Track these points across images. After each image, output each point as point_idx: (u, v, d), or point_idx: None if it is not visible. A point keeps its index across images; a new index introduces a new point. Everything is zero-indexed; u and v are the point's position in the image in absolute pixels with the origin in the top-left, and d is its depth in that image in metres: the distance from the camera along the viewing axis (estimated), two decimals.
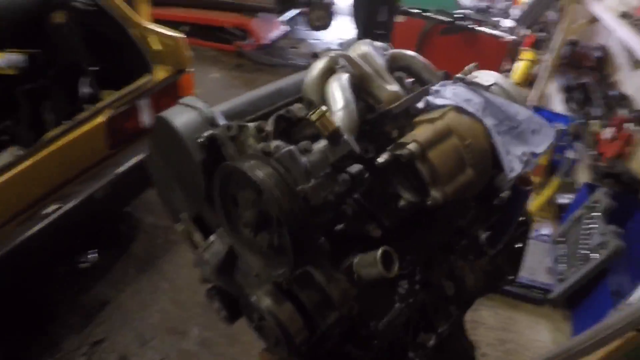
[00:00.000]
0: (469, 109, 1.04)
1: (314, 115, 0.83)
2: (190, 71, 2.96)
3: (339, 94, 1.05)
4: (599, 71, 3.67)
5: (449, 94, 1.08)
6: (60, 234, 2.26)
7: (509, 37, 4.05)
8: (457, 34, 3.98)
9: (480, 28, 4.01)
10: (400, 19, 4.16)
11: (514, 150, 1.05)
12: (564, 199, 3.25)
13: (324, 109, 0.82)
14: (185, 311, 2.64)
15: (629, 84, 3.26)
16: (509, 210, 1.20)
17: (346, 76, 1.11)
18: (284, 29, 6.36)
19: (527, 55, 4.63)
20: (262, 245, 0.91)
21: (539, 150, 1.05)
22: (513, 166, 1.04)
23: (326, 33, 6.47)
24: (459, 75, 1.15)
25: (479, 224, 1.33)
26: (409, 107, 1.11)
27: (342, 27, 6.69)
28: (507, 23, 4.24)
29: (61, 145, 2.23)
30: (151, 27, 2.81)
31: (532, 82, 4.78)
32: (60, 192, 2.28)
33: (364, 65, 1.16)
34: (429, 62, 1.28)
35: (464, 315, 1.40)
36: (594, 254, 2.51)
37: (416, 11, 4.09)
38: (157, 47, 2.80)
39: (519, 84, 4.77)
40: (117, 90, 2.61)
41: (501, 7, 4.75)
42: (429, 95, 1.12)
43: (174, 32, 2.86)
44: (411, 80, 1.36)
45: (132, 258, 2.95)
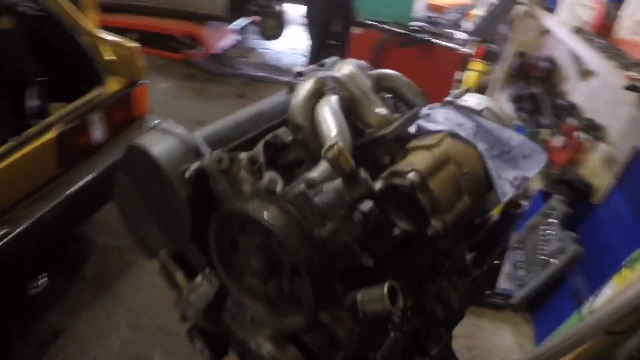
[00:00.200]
0: (462, 133, 1.03)
1: (329, 153, 0.75)
2: (144, 83, 2.83)
3: (331, 119, 1.00)
4: (547, 82, 3.85)
5: (440, 118, 1.07)
6: (8, 260, 2.07)
7: (464, 49, 4.15)
8: (414, 46, 4.03)
9: (436, 40, 4.08)
10: (357, 30, 4.16)
11: (505, 175, 1.05)
12: None
13: (340, 144, 0.76)
14: (145, 336, 2.49)
15: (576, 93, 3.43)
16: (497, 232, 1.20)
17: (336, 99, 1.07)
18: (235, 38, 6.26)
19: (477, 66, 4.80)
20: (270, 294, 0.84)
21: (530, 174, 1.05)
22: (505, 190, 1.03)
23: (277, 43, 6.42)
24: (449, 98, 1.14)
25: (462, 244, 1.33)
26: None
27: (294, 37, 6.67)
28: (460, 35, 4.35)
29: (7, 165, 2.04)
30: (103, 36, 2.66)
31: (480, 92, 4.96)
32: (7, 215, 2.09)
33: (352, 87, 1.12)
34: (411, 81, 1.27)
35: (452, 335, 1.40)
36: (553, 260, 2.61)
37: (372, 23, 4.10)
38: (109, 57, 2.64)
39: None
40: (67, 102, 2.43)
41: (450, 19, 4.87)
42: (419, 119, 1.10)
43: (127, 41, 2.72)
44: (390, 97, 1.35)
45: (85, 282, 2.77)
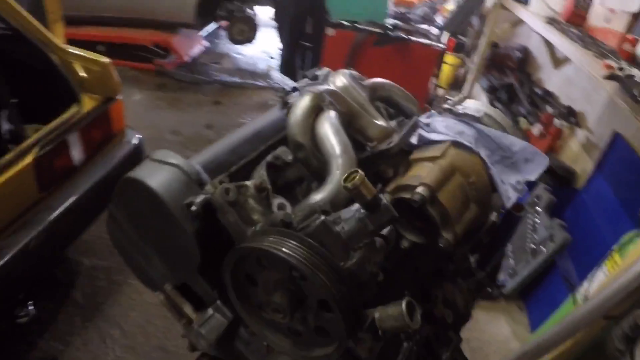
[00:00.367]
0: (464, 142, 1.03)
1: (350, 184, 0.72)
2: (120, 99, 2.76)
3: (333, 136, 0.99)
4: (520, 71, 3.90)
5: (440, 127, 1.07)
6: None
7: (440, 45, 4.15)
8: (389, 45, 4.00)
9: (412, 38, 4.06)
10: (331, 32, 4.10)
11: (507, 179, 1.06)
12: None
13: (362, 173, 0.72)
14: (143, 357, 2.44)
15: (551, 81, 3.49)
16: (500, 234, 1.22)
17: (335, 115, 1.06)
18: (205, 44, 6.16)
19: (449, 59, 4.84)
20: (296, 328, 0.82)
21: (532, 177, 1.07)
22: (509, 195, 1.04)
23: (249, 47, 6.33)
24: (447, 106, 1.14)
25: (465, 246, 1.34)
26: None
27: (266, 40, 6.57)
28: (433, 30, 4.36)
29: None
30: (75, 52, 2.57)
31: (455, 85, 5.02)
32: None
33: (350, 100, 1.11)
34: (405, 90, 1.26)
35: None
36: (542, 247, 2.66)
37: (346, 23, 4.06)
38: (82, 74, 2.57)
39: (445, 88, 4.98)
40: (41, 124, 2.34)
41: (420, 13, 4.86)
42: (418, 128, 1.10)
43: (99, 57, 2.64)
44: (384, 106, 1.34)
45: (74, 305, 2.68)
